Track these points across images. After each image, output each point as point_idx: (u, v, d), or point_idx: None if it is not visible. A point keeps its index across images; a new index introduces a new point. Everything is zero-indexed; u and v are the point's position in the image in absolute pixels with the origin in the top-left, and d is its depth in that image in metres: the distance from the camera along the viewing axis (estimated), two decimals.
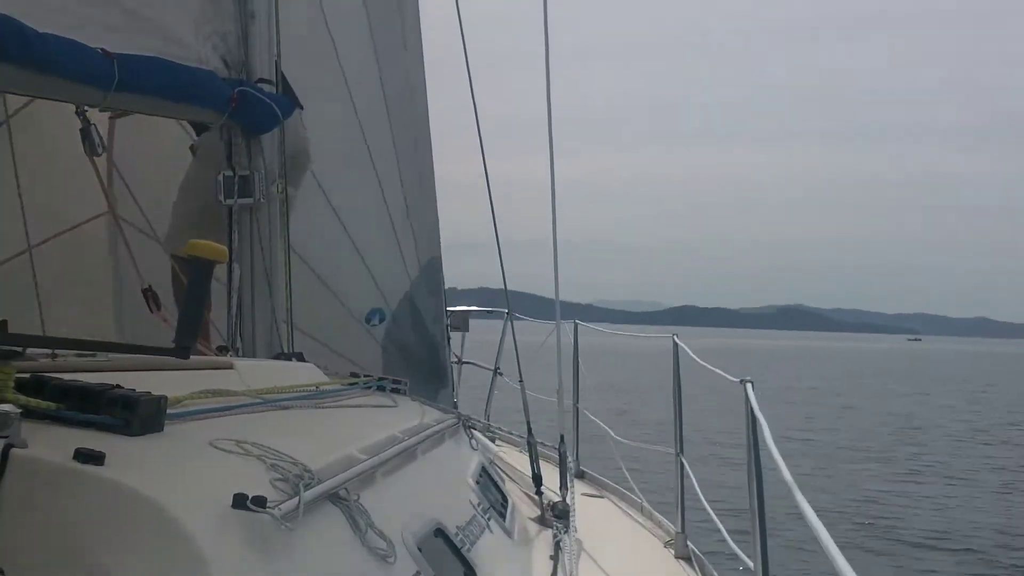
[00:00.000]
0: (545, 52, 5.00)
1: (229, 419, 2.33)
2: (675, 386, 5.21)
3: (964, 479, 18.92)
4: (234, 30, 4.17)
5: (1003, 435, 27.13)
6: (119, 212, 4.27)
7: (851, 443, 23.40)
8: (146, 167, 4.67)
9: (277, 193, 4.33)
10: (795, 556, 10.60)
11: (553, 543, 4.03)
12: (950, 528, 14.30)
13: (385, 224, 5.72)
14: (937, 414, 32.93)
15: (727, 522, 4.77)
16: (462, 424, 4.33)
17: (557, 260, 5.15)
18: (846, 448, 22.51)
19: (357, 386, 3.68)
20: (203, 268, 2.23)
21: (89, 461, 1.58)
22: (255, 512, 1.69)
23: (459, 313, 7.40)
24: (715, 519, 4.70)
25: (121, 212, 4.33)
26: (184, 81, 3.70)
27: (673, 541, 4.72)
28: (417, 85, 5.95)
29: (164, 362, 2.45)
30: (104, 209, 4.16)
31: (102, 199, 4.08)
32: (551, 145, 4.94)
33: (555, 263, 5.15)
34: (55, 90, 3.24)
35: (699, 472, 5.26)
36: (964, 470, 20.06)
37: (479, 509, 3.29)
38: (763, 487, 3.44)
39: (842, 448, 22.47)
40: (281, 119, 4.21)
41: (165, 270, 4.32)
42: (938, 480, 18.79)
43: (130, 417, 1.81)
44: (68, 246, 4.75)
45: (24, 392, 1.80)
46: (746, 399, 3.57)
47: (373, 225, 5.67)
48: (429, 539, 2.51)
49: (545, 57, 5.02)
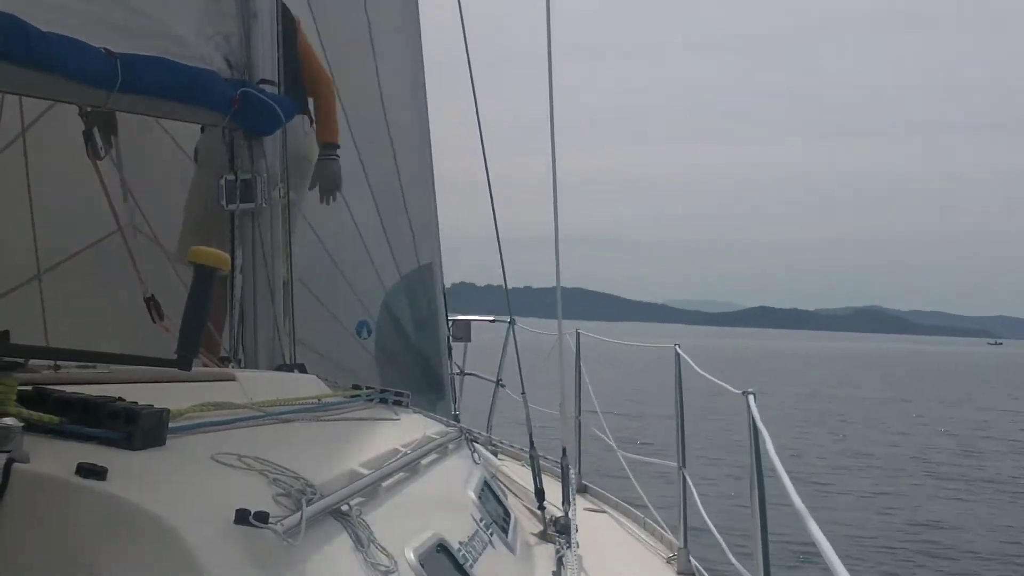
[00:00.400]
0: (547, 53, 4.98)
1: (231, 432, 2.31)
2: (677, 398, 5.17)
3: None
4: (237, 30, 4.15)
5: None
6: (124, 220, 4.24)
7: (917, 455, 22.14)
8: (150, 172, 4.66)
9: (279, 198, 4.30)
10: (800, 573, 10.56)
11: (555, 558, 4.01)
12: (998, 551, 13.18)
13: (361, 234, 5.80)
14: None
15: (731, 537, 4.74)
16: (464, 438, 4.31)
17: (558, 259, 5.13)
18: (908, 463, 21.10)
19: (359, 399, 3.66)
20: (205, 276, 2.22)
21: (91, 476, 1.57)
22: (257, 527, 1.68)
23: (461, 323, 7.39)
24: (716, 534, 4.67)
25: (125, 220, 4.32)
26: (187, 82, 3.66)
27: (676, 557, 4.70)
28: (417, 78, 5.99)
29: (166, 373, 2.43)
30: (113, 225, 4.13)
31: (110, 214, 4.05)
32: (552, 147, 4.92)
33: (556, 263, 5.13)
34: (58, 90, 3.21)
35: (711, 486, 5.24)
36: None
37: (481, 524, 3.27)
38: (766, 501, 3.42)
39: (902, 464, 20.86)
40: (284, 121, 4.18)
41: (169, 279, 4.31)
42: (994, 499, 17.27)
43: (132, 431, 1.79)
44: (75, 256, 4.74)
45: (26, 405, 1.78)
46: (748, 411, 3.54)
47: (349, 236, 5.73)
48: (431, 555, 2.50)
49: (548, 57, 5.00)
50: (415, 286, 6.06)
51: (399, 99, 5.96)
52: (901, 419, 31.77)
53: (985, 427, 30.45)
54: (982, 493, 18.05)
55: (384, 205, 5.91)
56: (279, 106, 4.12)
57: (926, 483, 18.83)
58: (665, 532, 5.16)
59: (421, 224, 6.10)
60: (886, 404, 37.96)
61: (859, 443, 24.57)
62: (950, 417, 32.88)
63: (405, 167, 5.99)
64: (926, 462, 21.57)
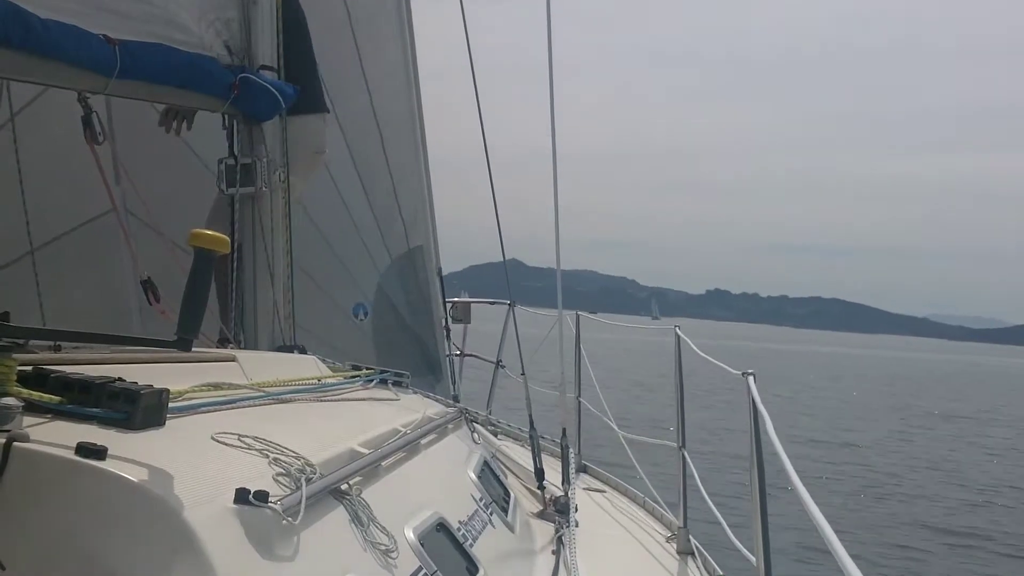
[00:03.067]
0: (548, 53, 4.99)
1: (231, 413, 2.32)
2: (677, 380, 5.16)
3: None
4: (237, 17, 4.16)
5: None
6: (122, 204, 4.25)
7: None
8: (148, 156, 4.66)
9: (280, 182, 4.32)
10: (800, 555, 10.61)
11: (555, 537, 4.03)
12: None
13: (355, 217, 5.81)
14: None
15: (731, 517, 4.76)
16: (464, 418, 4.32)
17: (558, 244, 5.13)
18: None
19: (359, 379, 3.68)
20: (205, 258, 2.21)
21: (90, 455, 1.58)
22: (257, 507, 1.69)
23: (461, 305, 7.39)
24: (717, 514, 4.68)
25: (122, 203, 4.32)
26: (186, 68, 3.68)
27: (675, 536, 4.71)
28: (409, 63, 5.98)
29: (166, 355, 2.44)
30: (108, 205, 4.14)
31: (106, 194, 4.06)
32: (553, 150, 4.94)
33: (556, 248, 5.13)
34: (57, 77, 3.22)
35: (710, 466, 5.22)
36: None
37: (481, 504, 3.29)
38: (765, 481, 3.43)
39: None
40: (283, 106, 4.19)
41: (167, 261, 4.31)
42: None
43: (131, 411, 1.80)
44: (70, 237, 4.74)
45: (26, 385, 1.79)
46: (748, 392, 3.54)
47: (342, 219, 5.75)
48: (431, 533, 2.51)
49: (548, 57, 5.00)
50: (406, 269, 6.09)
51: (386, 83, 5.96)
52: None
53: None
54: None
55: (372, 187, 5.94)
56: (278, 92, 4.13)
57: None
58: (665, 512, 5.18)
59: (411, 208, 6.13)
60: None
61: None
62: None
63: (394, 151, 6.01)
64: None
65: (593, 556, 4.02)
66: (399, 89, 6.06)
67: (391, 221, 6.08)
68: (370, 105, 5.88)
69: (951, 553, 12.77)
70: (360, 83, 5.81)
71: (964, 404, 40.54)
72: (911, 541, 13.17)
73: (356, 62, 5.78)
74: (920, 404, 37.91)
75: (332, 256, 5.80)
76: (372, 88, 5.86)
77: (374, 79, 5.87)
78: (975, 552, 12.93)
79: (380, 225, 6.01)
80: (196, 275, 2.13)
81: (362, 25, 5.76)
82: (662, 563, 4.43)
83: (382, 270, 6.02)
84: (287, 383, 2.92)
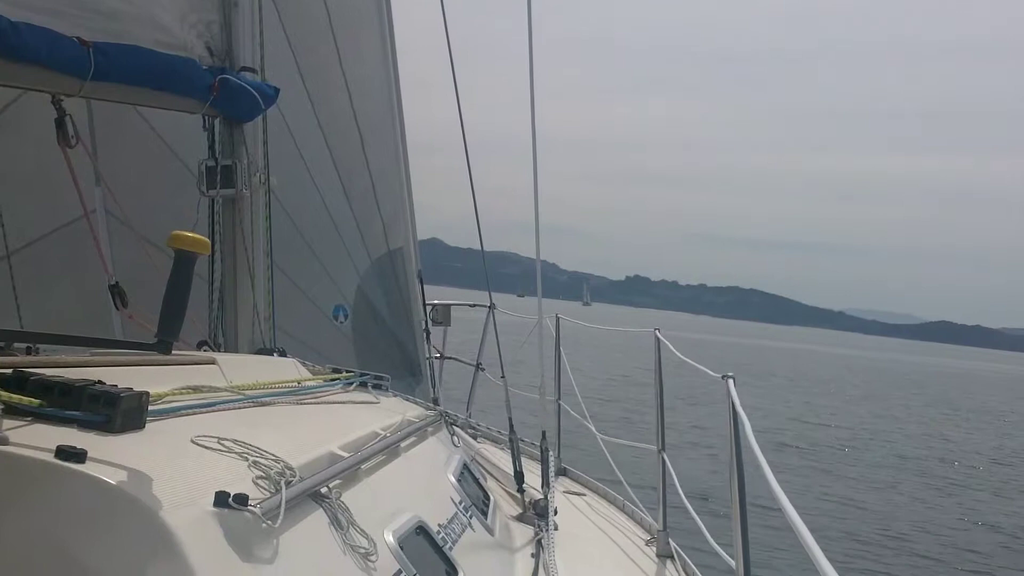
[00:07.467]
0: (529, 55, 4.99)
1: (211, 416, 2.32)
2: (657, 382, 5.16)
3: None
4: (218, 18, 4.16)
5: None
6: (101, 206, 4.22)
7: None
8: (123, 158, 4.64)
9: (260, 184, 4.31)
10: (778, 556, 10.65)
11: (535, 541, 4.04)
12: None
13: (335, 219, 5.80)
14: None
15: (711, 520, 4.77)
16: (444, 421, 4.32)
17: (539, 254, 5.14)
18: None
19: (339, 382, 3.67)
20: (186, 260, 2.21)
21: (70, 458, 1.57)
22: (237, 510, 1.69)
23: (441, 307, 7.38)
24: (696, 517, 4.70)
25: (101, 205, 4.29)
26: (164, 69, 3.65)
27: (655, 539, 4.72)
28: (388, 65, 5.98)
29: (146, 357, 2.43)
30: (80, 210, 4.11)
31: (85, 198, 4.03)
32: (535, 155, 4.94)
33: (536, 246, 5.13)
34: (30, 79, 3.19)
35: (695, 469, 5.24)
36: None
37: (461, 507, 3.29)
38: (744, 484, 3.44)
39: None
40: (263, 108, 4.18)
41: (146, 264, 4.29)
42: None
43: (111, 414, 1.80)
44: (47, 241, 4.71)
45: (5, 388, 1.78)
46: (728, 395, 3.55)
47: (323, 221, 5.74)
48: (411, 537, 2.51)
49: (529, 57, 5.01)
50: (386, 271, 6.08)
51: (366, 85, 5.96)
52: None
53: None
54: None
55: (352, 189, 5.94)
56: (259, 93, 4.12)
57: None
58: (645, 515, 5.19)
59: (391, 209, 6.13)
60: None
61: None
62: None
63: (374, 153, 6.00)
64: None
65: (573, 559, 4.03)
66: (379, 90, 6.05)
67: (371, 223, 6.07)
68: (350, 106, 5.86)
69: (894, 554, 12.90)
70: (340, 83, 5.79)
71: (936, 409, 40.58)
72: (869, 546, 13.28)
73: (336, 63, 5.77)
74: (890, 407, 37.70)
75: (312, 258, 5.79)
76: (352, 89, 5.85)
77: (354, 80, 5.86)
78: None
79: (360, 227, 6.00)
80: (176, 277, 2.13)
81: (343, 27, 5.75)
82: (641, 566, 4.44)
83: (362, 272, 6.01)
84: (267, 386, 2.92)
